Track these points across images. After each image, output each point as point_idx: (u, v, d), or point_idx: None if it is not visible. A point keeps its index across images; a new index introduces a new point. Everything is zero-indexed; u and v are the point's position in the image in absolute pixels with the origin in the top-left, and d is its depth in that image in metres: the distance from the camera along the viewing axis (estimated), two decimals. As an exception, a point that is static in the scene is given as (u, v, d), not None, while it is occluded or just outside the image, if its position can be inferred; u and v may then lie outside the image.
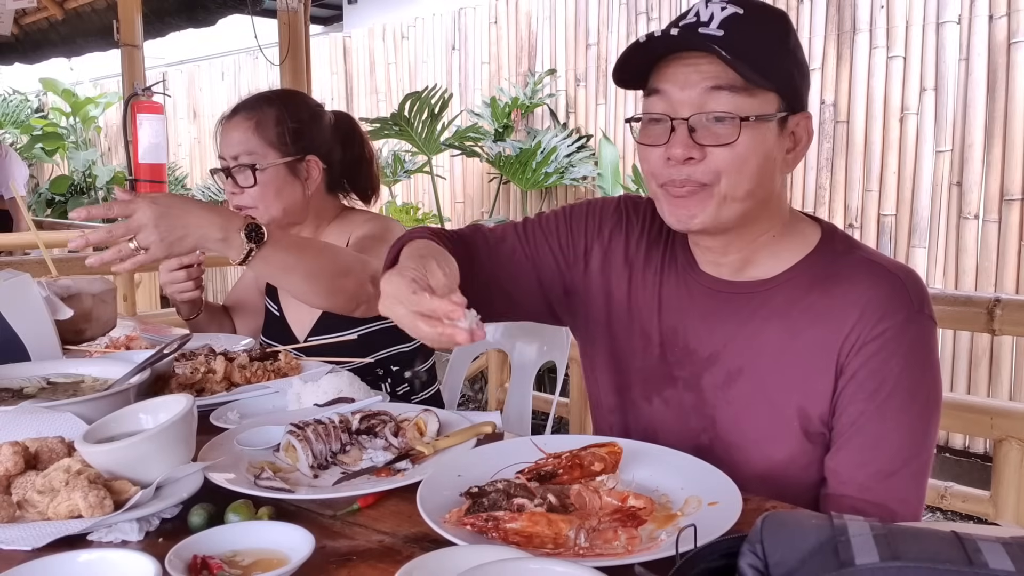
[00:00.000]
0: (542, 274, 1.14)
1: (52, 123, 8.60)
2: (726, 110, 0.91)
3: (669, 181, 0.96)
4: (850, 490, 0.96)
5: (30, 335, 1.31)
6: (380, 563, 0.77)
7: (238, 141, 1.58)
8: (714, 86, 0.92)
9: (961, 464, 3.54)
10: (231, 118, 1.61)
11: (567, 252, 1.14)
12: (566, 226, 1.15)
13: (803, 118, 0.98)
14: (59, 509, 0.82)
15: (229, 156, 1.59)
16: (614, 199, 1.17)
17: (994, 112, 3.43)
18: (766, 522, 0.61)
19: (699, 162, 0.94)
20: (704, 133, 0.93)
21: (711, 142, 0.93)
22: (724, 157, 0.93)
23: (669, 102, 0.94)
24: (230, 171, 1.58)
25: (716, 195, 0.95)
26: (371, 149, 1.76)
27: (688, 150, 0.93)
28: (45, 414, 1.02)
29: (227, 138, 1.59)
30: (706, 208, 0.95)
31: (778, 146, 0.96)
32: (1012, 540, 0.57)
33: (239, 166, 1.57)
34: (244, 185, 1.57)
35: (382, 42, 6.03)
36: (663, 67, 0.95)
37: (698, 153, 0.93)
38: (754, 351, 1.00)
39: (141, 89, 4.26)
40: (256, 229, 1.21)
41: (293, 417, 1.06)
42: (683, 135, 0.93)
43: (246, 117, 1.59)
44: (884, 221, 3.77)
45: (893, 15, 3.68)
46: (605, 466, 0.89)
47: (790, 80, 0.96)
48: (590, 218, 1.15)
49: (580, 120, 4.99)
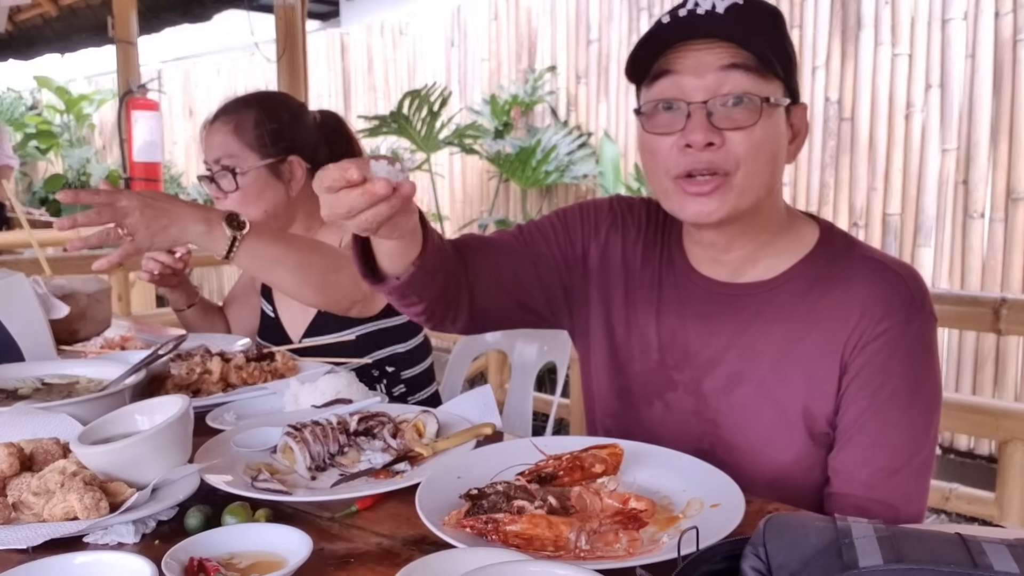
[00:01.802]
0: (542, 276, 1.12)
1: (46, 121, 8.58)
2: (744, 90, 0.89)
3: (687, 171, 0.92)
4: (853, 488, 0.96)
5: (24, 335, 1.30)
6: (378, 566, 0.76)
7: (218, 145, 1.59)
8: (729, 64, 0.89)
9: (966, 466, 3.53)
10: (212, 123, 1.62)
11: (567, 254, 1.13)
12: (563, 229, 1.14)
13: (801, 109, 0.98)
14: (55, 511, 0.82)
15: (211, 160, 1.60)
16: (605, 200, 1.16)
17: (1000, 109, 3.42)
18: (769, 524, 0.61)
19: (719, 148, 0.91)
20: (722, 117, 0.91)
21: (729, 126, 0.90)
22: (743, 143, 0.91)
23: (681, 87, 0.92)
24: (213, 176, 1.59)
25: (735, 186, 0.92)
26: (360, 147, 1.76)
27: (708, 134, 0.90)
28: (40, 415, 1.01)
29: (208, 143, 1.61)
30: (726, 200, 0.93)
31: (785, 136, 0.96)
32: (1017, 542, 0.56)
33: (221, 170, 1.58)
34: (227, 190, 1.58)
35: (380, 38, 6.02)
36: (671, 54, 0.93)
37: (717, 138, 0.90)
38: (756, 355, 0.99)
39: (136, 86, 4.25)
40: (237, 217, 1.25)
41: (290, 418, 1.05)
42: (701, 119, 0.90)
43: (225, 122, 1.60)
44: (889, 220, 3.76)
45: (898, 11, 3.67)
46: (606, 468, 0.88)
47: (791, 69, 0.95)
48: (585, 220, 1.14)
49: (581, 118, 4.98)
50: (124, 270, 3.81)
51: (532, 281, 1.11)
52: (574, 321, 1.16)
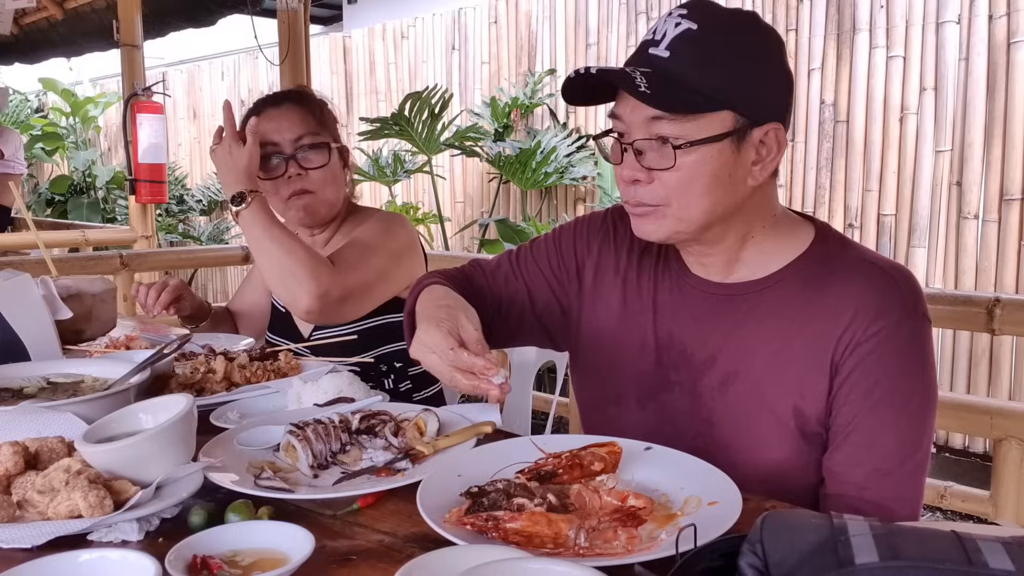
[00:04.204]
0: (537, 301, 1.17)
1: (52, 123, 8.60)
2: (665, 135, 0.93)
3: (626, 200, 1.00)
4: (848, 489, 0.96)
5: (30, 335, 1.31)
6: (380, 563, 0.77)
7: (299, 122, 1.55)
8: (654, 116, 0.93)
9: (961, 464, 3.54)
10: (279, 104, 1.58)
11: (560, 275, 1.16)
12: (556, 249, 1.18)
13: (772, 128, 0.96)
14: (59, 509, 0.82)
15: (288, 139, 1.54)
16: (601, 213, 1.19)
17: (994, 112, 3.43)
18: (766, 522, 0.61)
19: (646, 184, 0.97)
20: (650, 156, 0.96)
21: (655, 166, 0.95)
22: (668, 181, 0.95)
23: (623, 124, 0.98)
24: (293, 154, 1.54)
25: (669, 214, 0.97)
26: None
27: (635, 172, 0.97)
28: (45, 414, 1.02)
29: (281, 122, 1.55)
30: (662, 225, 0.98)
31: (737, 161, 0.95)
32: (1012, 540, 0.57)
33: (313, 145, 1.55)
34: (313, 165, 1.55)
35: (382, 42, 6.03)
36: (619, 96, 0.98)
37: (644, 176, 0.96)
38: (749, 353, 1.00)
39: (141, 89, 4.26)
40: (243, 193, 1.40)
41: (293, 417, 1.06)
42: (630, 158, 0.97)
43: (299, 103, 1.59)
44: (884, 221, 3.77)
45: (893, 15, 3.68)
46: (605, 466, 0.89)
47: (748, 93, 0.94)
48: (578, 237, 1.17)
49: (580, 120, 4.99)
50: (129, 271, 3.82)
51: (526, 307, 1.16)
52: (571, 339, 1.18)
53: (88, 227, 5.59)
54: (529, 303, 1.16)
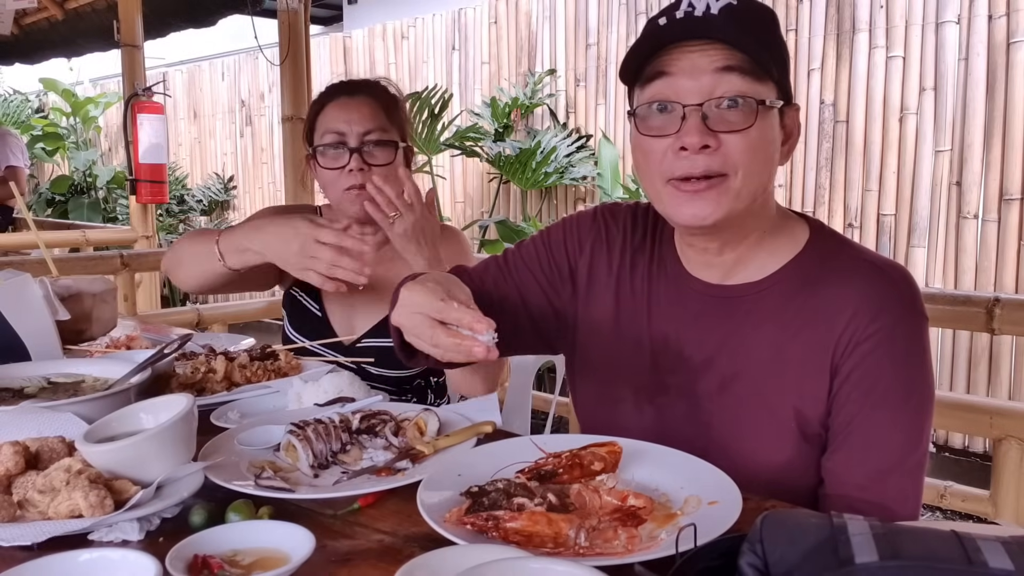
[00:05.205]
0: (530, 304, 1.12)
1: (52, 123, 8.60)
2: (740, 92, 0.89)
3: (683, 175, 0.91)
4: (847, 490, 0.96)
5: (31, 335, 1.30)
6: (380, 562, 0.77)
7: (369, 116, 1.51)
8: (724, 67, 0.88)
9: (960, 463, 3.54)
10: (353, 94, 1.54)
11: (551, 277, 1.13)
12: (546, 251, 1.13)
13: (794, 110, 0.97)
14: (60, 509, 0.82)
15: (357, 132, 1.50)
16: (589, 212, 1.15)
17: (993, 112, 3.44)
18: (766, 521, 0.61)
19: (714, 151, 0.89)
20: (717, 120, 0.89)
21: (725, 129, 0.89)
22: (739, 146, 0.89)
23: (675, 89, 0.90)
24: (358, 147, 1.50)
25: (732, 188, 0.91)
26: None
27: (704, 137, 0.89)
28: (46, 414, 1.02)
29: (352, 112, 1.51)
30: (721, 203, 0.91)
31: (779, 138, 0.95)
32: (1011, 539, 0.57)
33: (379, 142, 1.51)
34: (377, 162, 1.50)
35: (382, 42, 6.03)
36: (665, 56, 0.91)
37: (713, 141, 0.89)
38: (748, 355, 0.99)
39: (141, 89, 4.27)
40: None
41: (293, 416, 1.06)
42: (696, 122, 0.89)
43: (373, 95, 1.54)
44: (884, 221, 3.77)
45: (893, 15, 3.68)
46: (605, 465, 0.89)
47: (785, 70, 0.94)
48: (569, 237, 1.13)
49: (580, 120, 4.99)
50: (130, 271, 3.82)
51: (519, 311, 1.11)
52: (567, 342, 1.15)
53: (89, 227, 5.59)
54: (522, 307, 1.12)
